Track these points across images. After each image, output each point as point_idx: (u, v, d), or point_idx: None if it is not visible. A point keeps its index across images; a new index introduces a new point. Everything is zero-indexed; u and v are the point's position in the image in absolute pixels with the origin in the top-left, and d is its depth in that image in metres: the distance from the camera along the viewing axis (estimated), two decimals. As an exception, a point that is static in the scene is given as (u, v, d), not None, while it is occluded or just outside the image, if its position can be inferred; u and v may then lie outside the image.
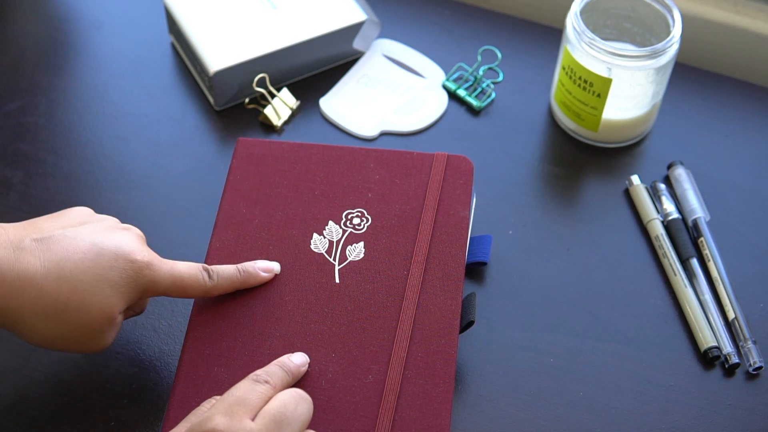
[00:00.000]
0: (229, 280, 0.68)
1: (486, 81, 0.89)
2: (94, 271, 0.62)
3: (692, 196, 0.81)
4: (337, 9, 0.88)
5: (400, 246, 0.72)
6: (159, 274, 0.65)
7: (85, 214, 0.67)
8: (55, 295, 0.62)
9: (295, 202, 0.74)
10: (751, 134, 0.87)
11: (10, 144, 0.84)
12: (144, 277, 0.64)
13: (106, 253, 0.63)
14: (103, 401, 0.70)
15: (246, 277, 0.69)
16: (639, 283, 0.78)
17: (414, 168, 0.76)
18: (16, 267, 0.61)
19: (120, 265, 0.63)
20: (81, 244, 0.63)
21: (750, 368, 0.73)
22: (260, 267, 0.70)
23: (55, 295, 0.62)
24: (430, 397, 0.65)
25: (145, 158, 0.84)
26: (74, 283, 0.62)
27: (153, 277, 0.65)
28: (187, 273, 0.67)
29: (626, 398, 0.72)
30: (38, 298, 0.61)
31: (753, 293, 0.77)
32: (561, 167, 0.85)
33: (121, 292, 0.63)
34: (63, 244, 0.63)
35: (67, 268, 0.62)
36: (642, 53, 0.78)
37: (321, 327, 0.68)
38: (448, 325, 0.68)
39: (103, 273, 0.63)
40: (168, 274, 0.66)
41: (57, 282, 0.61)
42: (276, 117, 0.86)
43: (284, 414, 0.60)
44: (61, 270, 0.62)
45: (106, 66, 0.90)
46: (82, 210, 0.68)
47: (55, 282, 0.61)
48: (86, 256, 0.62)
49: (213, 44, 0.85)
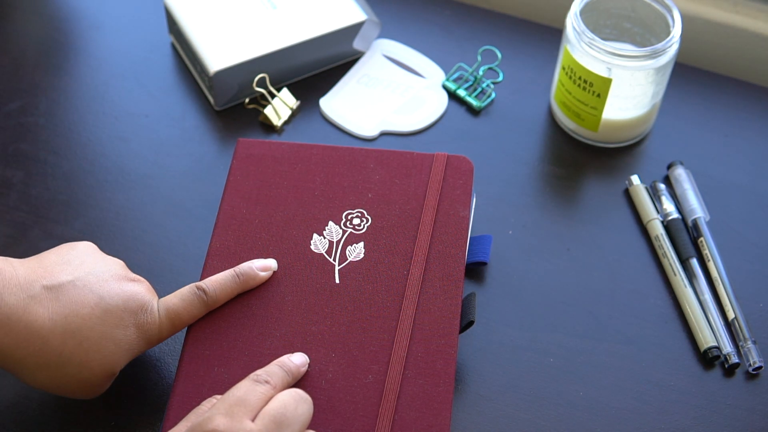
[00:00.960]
0: (227, 290, 0.68)
1: (486, 81, 0.89)
2: (101, 328, 0.63)
3: (692, 196, 0.81)
4: (337, 9, 0.88)
5: (400, 246, 0.72)
6: (162, 325, 0.66)
7: (90, 252, 0.67)
8: (59, 350, 0.62)
9: (295, 203, 0.74)
10: (751, 134, 0.87)
11: (11, 144, 0.84)
12: (147, 333, 0.65)
13: (113, 310, 0.63)
14: (103, 401, 0.70)
15: (245, 280, 0.69)
16: (639, 283, 0.78)
17: (414, 168, 0.76)
18: (25, 317, 0.61)
19: (125, 323, 0.64)
20: (89, 297, 0.63)
21: (750, 368, 0.73)
22: (258, 266, 0.70)
23: (60, 350, 0.62)
24: (430, 396, 0.65)
25: (145, 158, 0.84)
26: (80, 340, 0.62)
27: (156, 331, 0.66)
28: (179, 305, 0.67)
29: (626, 398, 0.72)
30: (42, 350, 0.62)
31: (753, 293, 0.77)
32: (561, 167, 0.85)
33: (125, 350, 0.64)
34: (72, 296, 0.63)
35: (75, 324, 0.62)
36: (642, 53, 0.78)
37: (321, 327, 0.68)
38: (448, 325, 0.68)
39: (108, 331, 0.63)
40: (167, 320, 0.66)
41: (63, 336, 0.62)
42: (276, 117, 0.86)
43: (284, 414, 0.60)
44: (68, 325, 0.62)
45: (106, 66, 0.90)
46: (87, 248, 0.67)
47: (61, 336, 0.62)
48: (93, 312, 0.63)
49: (213, 44, 0.85)
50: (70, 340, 0.62)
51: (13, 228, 0.79)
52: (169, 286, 0.76)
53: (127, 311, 0.64)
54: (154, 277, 0.76)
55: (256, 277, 0.70)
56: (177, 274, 0.77)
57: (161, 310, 0.66)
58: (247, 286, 0.69)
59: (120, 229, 0.79)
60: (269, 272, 0.70)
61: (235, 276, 0.69)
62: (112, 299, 0.64)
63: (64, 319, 0.62)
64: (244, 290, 0.70)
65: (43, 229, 0.79)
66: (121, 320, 0.64)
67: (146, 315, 0.65)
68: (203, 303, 0.67)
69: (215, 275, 0.69)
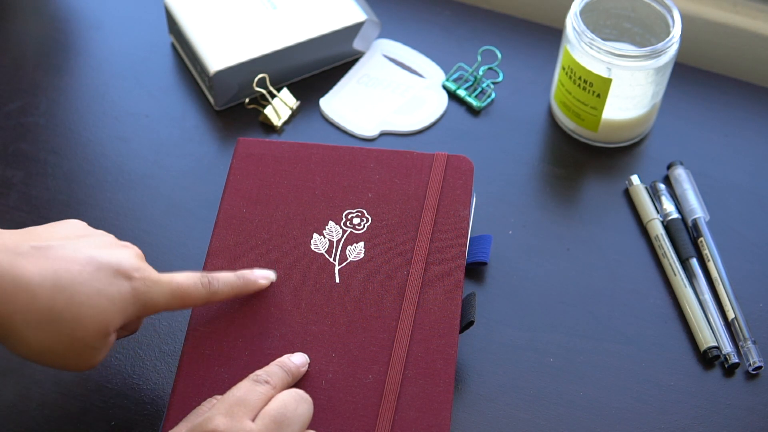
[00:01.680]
0: (229, 286, 0.68)
1: (486, 81, 0.89)
2: (92, 284, 0.60)
3: (692, 196, 0.81)
4: (337, 9, 0.88)
5: (400, 246, 0.72)
6: (158, 291, 0.63)
7: (80, 226, 0.65)
8: (49, 304, 0.59)
9: (295, 202, 0.74)
10: (751, 134, 0.87)
11: (11, 144, 0.84)
12: (143, 295, 0.63)
13: (105, 267, 0.61)
14: (103, 401, 0.70)
15: (245, 283, 0.69)
16: (639, 283, 0.78)
17: (414, 168, 0.76)
18: (11, 271, 0.59)
19: (119, 281, 0.61)
20: (80, 255, 0.61)
21: (749, 368, 0.73)
22: (258, 274, 0.70)
23: (50, 304, 0.59)
24: (430, 397, 0.65)
25: (145, 158, 0.84)
26: (71, 294, 0.59)
27: (152, 294, 0.63)
28: (185, 283, 0.65)
29: (626, 398, 0.72)
30: (32, 305, 0.59)
31: (752, 293, 0.77)
32: (561, 167, 0.85)
33: (119, 309, 0.61)
34: (61, 254, 0.61)
35: (65, 278, 0.60)
36: (642, 53, 0.78)
37: (321, 327, 0.68)
38: (448, 325, 0.68)
39: (101, 287, 0.61)
40: (167, 288, 0.64)
41: (53, 291, 0.59)
42: (276, 117, 0.86)
43: (284, 414, 0.60)
44: (58, 279, 0.59)
45: (106, 66, 0.90)
46: (77, 222, 0.66)
47: (51, 291, 0.59)
48: (85, 269, 0.61)
49: (213, 44, 0.85)
50: (60, 295, 0.59)
51: (14, 228, 0.79)
52: (169, 286, 0.76)
53: (121, 269, 0.62)
54: (154, 277, 0.76)
55: (256, 282, 0.69)
56: (177, 274, 0.77)
57: (164, 278, 0.64)
58: (246, 289, 0.69)
59: (120, 229, 0.79)
60: (268, 281, 0.70)
61: (236, 277, 0.69)
62: (104, 258, 0.62)
63: (53, 274, 0.59)
64: (243, 294, 0.69)
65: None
66: (115, 277, 0.61)
67: (142, 278, 0.63)
68: (207, 289, 0.66)
69: (218, 272, 0.68)
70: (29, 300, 0.59)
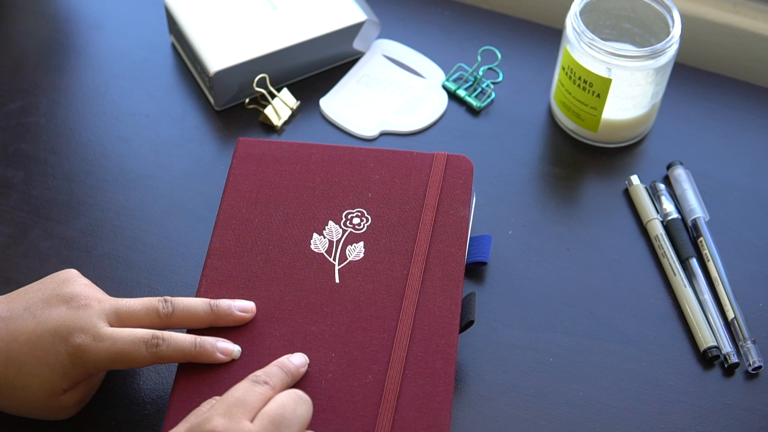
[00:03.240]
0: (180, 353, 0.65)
1: (486, 81, 0.89)
2: (34, 353, 0.64)
3: (692, 196, 0.81)
4: (337, 9, 0.88)
5: (400, 246, 0.72)
6: (97, 353, 0.64)
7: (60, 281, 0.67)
8: (3, 376, 0.64)
9: (295, 202, 0.74)
10: (751, 134, 0.87)
11: (11, 144, 0.84)
12: (80, 359, 0.64)
13: (45, 335, 0.64)
14: (103, 401, 0.70)
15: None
16: (639, 283, 0.78)
17: (414, 168, 0.76)
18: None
19: (57, 347, 0.64)
20: (29, 323, 0.64)
21: (749, 368, 0.73)
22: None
23: (4, 376, 0.64)
24: (430, 396, 0.65)
25: (145, 158, 0.84)
26: (18, 365, 0.64)
27: (90, 358, 0.64)
28: (127, 349, 0.64)
29: (626, 398, 0.72)
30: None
31: (752, 293, 0.77)
32: (561, 167, 0.85)
33: (59, 374, 0.64)
34: (17, 324, 0.64)
35: (15, 350, 0.64)
36: (642, 53, 0.78)
37: (321, 327, 0.68)
38: (448, 325, 0.69)
39: (41, 356, 0.64)
40: (104, 354, 0.64)
41: (6, 363, 0.64)
42: (276, 117, 0.86)
43: (283, 415, 0.60)
44: (9, 351, 0.64)
45: (106, 66, 0.90)
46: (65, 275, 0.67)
47: (4, 363, 0.64)
48: (30, 338, 0.64)
49: (213, 44, 0.85)
50: (11, 366, 0.64)
51: (14, 228, 0.79)
52: (169, 286, 0.76)
53: (58, 336, 0.64)
54: (154, 277, 0.76)
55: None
56: (177, 274, 0.77)
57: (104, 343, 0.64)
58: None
59: (120, 229, 0.79)
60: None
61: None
62: (45, 324, 0.64)
63: (6, 346, 0.64)
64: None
65: (44, 229, 0.79)
66: (52, 345, 0.64)
67: (78, 344, 0.64)
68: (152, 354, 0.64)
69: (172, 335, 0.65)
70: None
